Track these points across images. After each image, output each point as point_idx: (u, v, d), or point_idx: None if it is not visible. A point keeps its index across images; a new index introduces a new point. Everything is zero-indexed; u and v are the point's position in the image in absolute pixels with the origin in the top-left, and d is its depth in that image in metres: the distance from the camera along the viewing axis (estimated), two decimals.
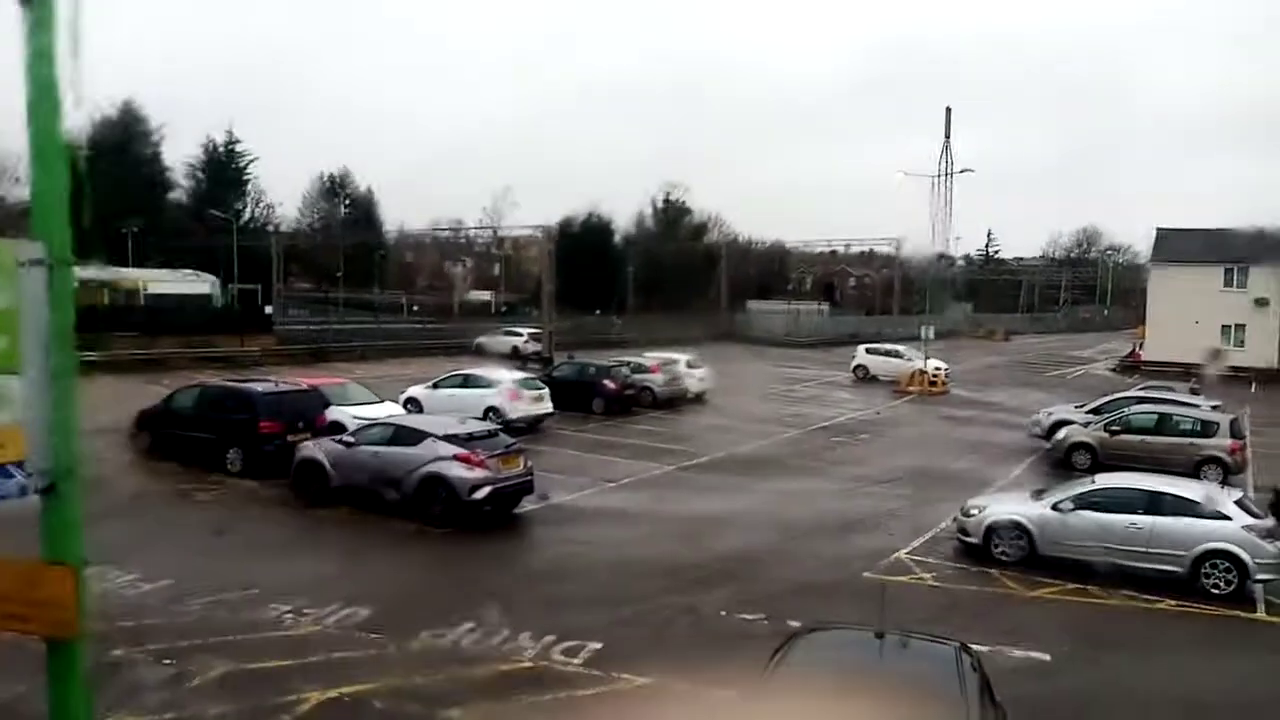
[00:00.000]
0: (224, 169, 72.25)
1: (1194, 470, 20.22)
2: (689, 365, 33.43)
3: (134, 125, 64.54)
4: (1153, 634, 12.20)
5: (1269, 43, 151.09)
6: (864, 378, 42.21)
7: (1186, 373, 40.90)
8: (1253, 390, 41.76)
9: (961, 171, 54.79)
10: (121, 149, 60.17)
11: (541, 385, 26.54)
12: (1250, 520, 13.51)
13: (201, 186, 71.06)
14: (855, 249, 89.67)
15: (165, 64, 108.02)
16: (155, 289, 48.69)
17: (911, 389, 38.50)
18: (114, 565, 12.18)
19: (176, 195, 70.66)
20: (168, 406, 20.25)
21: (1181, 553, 13.44)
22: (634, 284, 74.25)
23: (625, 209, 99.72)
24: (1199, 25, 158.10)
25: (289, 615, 11.29)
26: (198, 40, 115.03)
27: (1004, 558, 14.39)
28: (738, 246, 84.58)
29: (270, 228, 71.70)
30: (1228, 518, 13.49)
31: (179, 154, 70.58)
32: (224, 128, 72.67)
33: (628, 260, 77.51)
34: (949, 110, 53.09)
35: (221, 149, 72.45)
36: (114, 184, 51.66)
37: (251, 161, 73.84)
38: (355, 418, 19.63)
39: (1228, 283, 51.51)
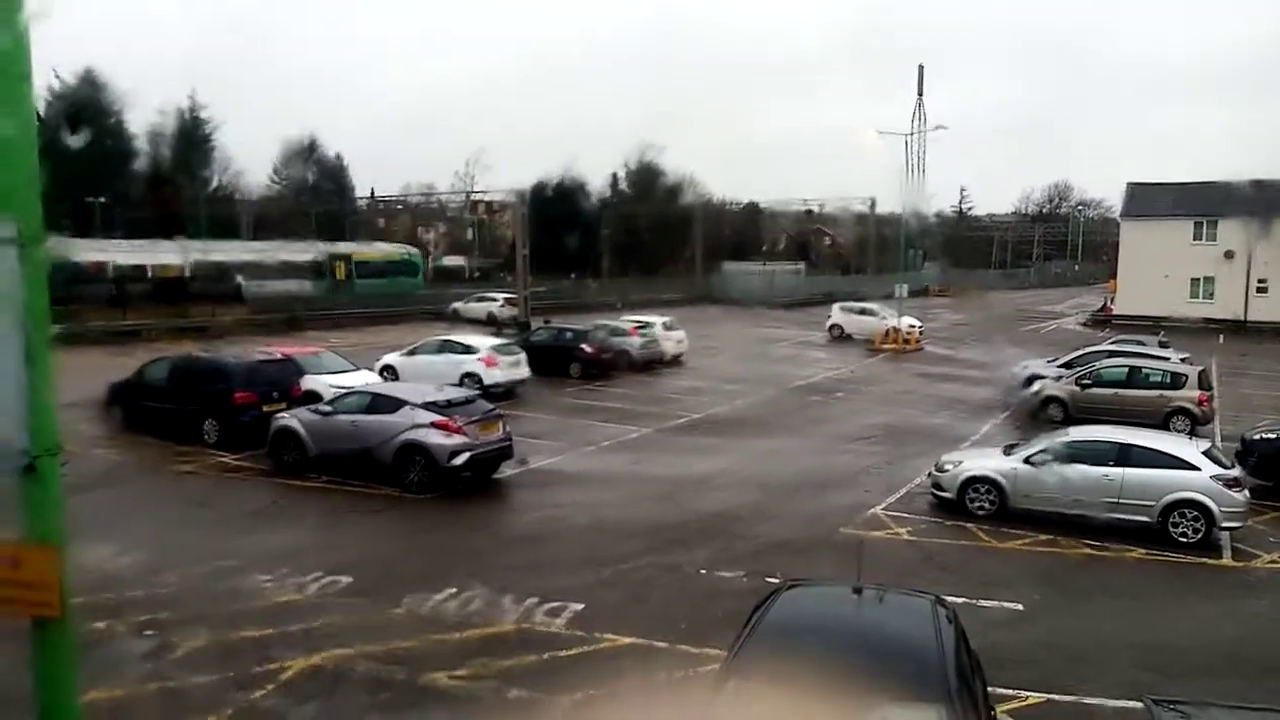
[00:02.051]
0: (189, 136, 70.88)
1: (1163, 422, 20.57)
2: (666, 328, 33.45)
3: (96, 94, 63.09)
4: (1123, 582, 12.46)
5: None
6: (839, 336, 42.43)
7: (1156, 326, 41.50)
8: (1220, 341, 42.41)
9: (935, 129, 55.28)
10: (84, 118, 58.83)
11: (518, 350, 26.51)
12: (1218, 470, 13.78)
13: (167, 155, 69.75)
14: (830, 208, 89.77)
15: (125, 30, 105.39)
16: (362, 259, 56.69)
17: (886, 347, 38.79)
18: (93, 539, 12.13)
19: (142, 164, 69.35)
20: (140, 379, 20.06)
21: (1151, 503, 13.71)
22: (609, 247, 73.94)
23: (599, 171, 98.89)
24: None
25: (270, 585, 11.31)
26: (157, 5, 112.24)
27: (978, 512, 14.63)
28: (712, 208, 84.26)
29: (238, 195, 70.66)
30: (1196, 468, 13.76)
31: (142, 122, 69.15)
32: (187, 94, 71.23)
33: (602, 223, 77.08)
34: (921, 68, 53.37)
35: (186, 115, 71.05)
36: (77, 155, 50.50)
37: (217, 128, 72.52)
38: (331, 386, 19.56)
39: (1197, 236, 52.07)
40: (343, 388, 18.72)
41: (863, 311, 43.36)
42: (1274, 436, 17.00)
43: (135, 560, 11.99)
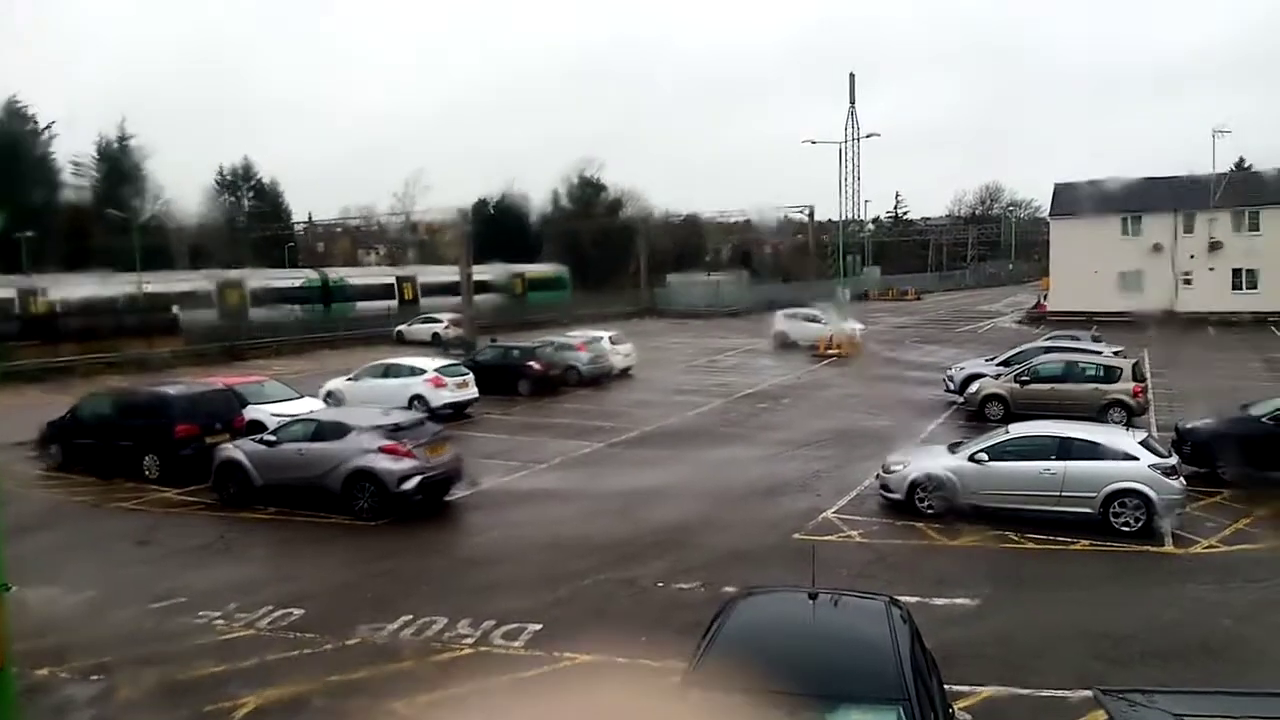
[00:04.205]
0: (119, 166, 69.32)
1: (1100, 414, 21.07)
2: (613, 342, 33.49)
3: (20, 124, 61.50)
4: (1070, 574, 12.74)
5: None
6: (783, 343, 42.78)
7: (1089, 321, 42.59)
8: (1152, 333, 43.61)
9: (867, 136, 56.36)
10: (8, 150, 57.28)
11: (465, 370, 26.32)
12: (1155, 459, 14.16)
13: (97, 185, 68.12)
14: (771, 217, 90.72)
15: (50, 61, 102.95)
16: (531, 276, 66.93)
17: (830, 352, 39.23)
18: (33, 583, 11.77)
19: (70, 195, 67.64)
20: (76, 416, 19.53)
21: (1092, 494, 14.03)
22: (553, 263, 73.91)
23: (541, 188, 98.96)
24: None
25: (219, 621, 11.08)
26: (87, 35, 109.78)
27: (927, 510, 14.86)
28: (654, 220, 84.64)
29: (172, 225, 69.15)
30: (1134, 458, 14.13)
31: (69, 152, 67.50)
32: (116, 124, 69.69)
33: (545, 240, 77.01)
34: (852, 77, 54.32)
35: (115, 145, 69.52)
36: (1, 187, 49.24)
37: (147, 157, 71.07)
38: (275, 415, 19.24)
39: (1124, 231, 53.63)
40: (287, 416, 18.43)
41: (806, 318, 43.77)
42: (1207, 424, 17.54)
43: (79, 602, 11.68)
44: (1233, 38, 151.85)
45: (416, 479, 15.35)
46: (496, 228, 72.90)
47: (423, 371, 25.19)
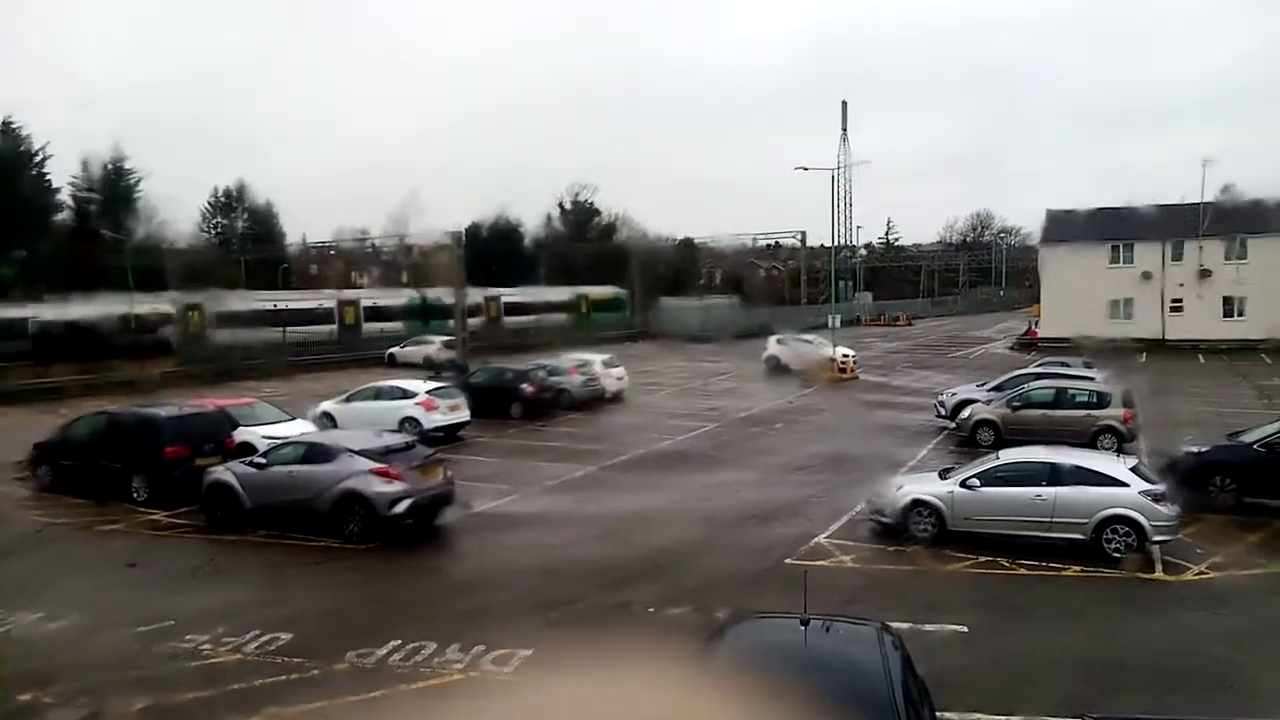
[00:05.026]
0: (113, 188, 69.41)
1: (1091, 440, 21.11)
2: (606, 365, 33.48)
3: (14, 146, 61.62)
4: (1061, 600, 12.72)
5: (1154, 36, 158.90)
6: (775, 368, 42.80)
7: (1079, 347, 42.72)
8: (1142, 360, 43.81)
9: (859, 163, 56.61)
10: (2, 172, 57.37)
11: (457, 393, 26.26)
12: (1146, 485, 14.18)
13: (91, 207, 68.18)
14: (762, 242, 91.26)
15: (45, 82, 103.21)
16: (594, 298, 72.58)
17: (821, 377, 39.25)
18: (19, 606, 11.69)
19: (64, 217, 67.71)
20: (65, 437, 19.43)
21: (1084, 520, 14.04)
22: (546, 286, 74.27)
23: (535, 211, 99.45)
24: (1090, 21, 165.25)
25: (207, 645, 10.97)
26: (84, 54, 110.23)
27: (919, 535, 14.84)
28: (647, 244, 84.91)
29: (166, 245, 69.16)
30: (1125, 484, 14.16)
31: (65, 175, 67.72)
32: (111, 146, 69.96)
33: (539, 262, 77.26)
34: (845, 104, 54.71)
35: (110, 167, 69.66)
36: None
37: (141, 179, 71.22)
38: (266, 437, 19.13)
39: (1114, 259, 53.96)
40: (278, 438, 18.34)
41: (798, 343, 43.83)
42: (1197, 450, 17.58)
43: (65, 626, 11.55)
44: (1224, 70, 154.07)
45: (407, 502, 15.28)
46: (491, 251, 73.17)
47: (414, 394, 25.14)
